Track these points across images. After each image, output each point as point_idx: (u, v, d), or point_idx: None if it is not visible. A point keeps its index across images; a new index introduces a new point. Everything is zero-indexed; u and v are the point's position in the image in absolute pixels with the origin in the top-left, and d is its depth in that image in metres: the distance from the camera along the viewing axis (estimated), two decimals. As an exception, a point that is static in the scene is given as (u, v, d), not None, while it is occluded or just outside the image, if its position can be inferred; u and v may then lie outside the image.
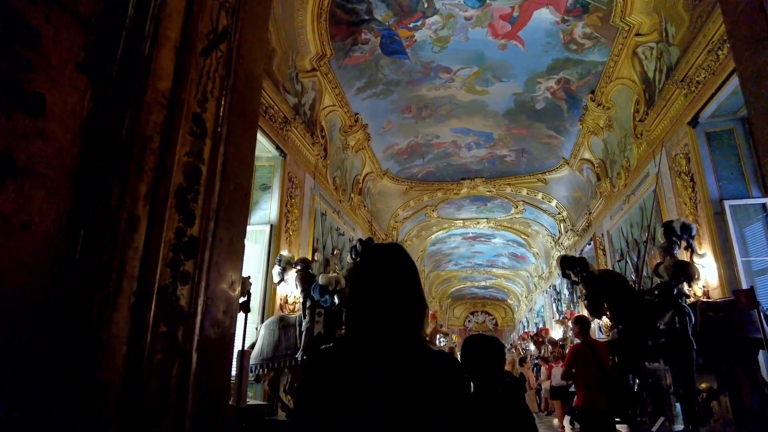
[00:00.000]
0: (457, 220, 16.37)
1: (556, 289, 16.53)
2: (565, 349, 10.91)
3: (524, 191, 13.54)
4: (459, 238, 18.52)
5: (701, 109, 6.31)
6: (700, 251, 6.07)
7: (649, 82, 7.49)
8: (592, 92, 8.74)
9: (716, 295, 5.84)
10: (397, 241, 15.13)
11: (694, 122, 6.50)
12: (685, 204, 6.72)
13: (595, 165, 10.51)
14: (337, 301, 5.70)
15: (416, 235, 16.72)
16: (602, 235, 11.07)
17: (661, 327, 5.02)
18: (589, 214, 11.87)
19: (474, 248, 19.99)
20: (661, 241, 5.85)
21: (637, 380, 5.89)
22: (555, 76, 8.68)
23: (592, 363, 4.60)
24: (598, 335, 10.39)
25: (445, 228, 17.04)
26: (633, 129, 8.33)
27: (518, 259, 20.81)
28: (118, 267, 1.02)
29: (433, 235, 17.54)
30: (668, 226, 5.74)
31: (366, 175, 11.77)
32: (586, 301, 5.67)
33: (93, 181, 1.03)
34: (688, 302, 5.24)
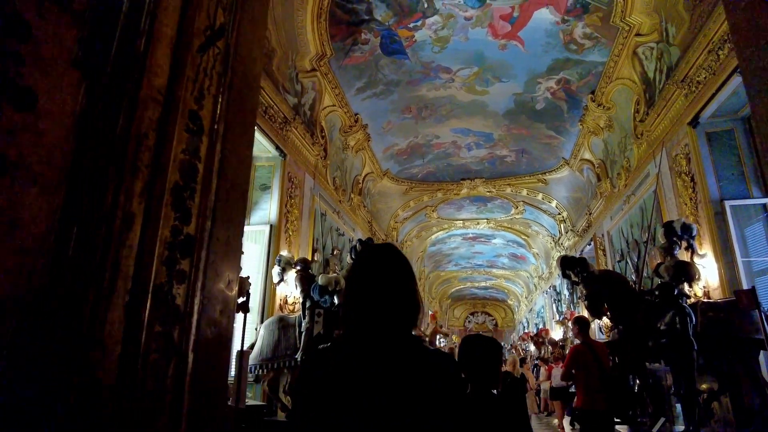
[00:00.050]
0: (457, 220, 16.36)
1: (556, 290, 16.53)
2: (565, 350, 10.90)
3: (524, 192, 13.53)
4: (459, 238, 18.51)
5: (702, 109, 6.30)
6: (700, 251, 6.06)
7: (649, 83, 7.48)
8: (593, 92, 8.74)
9: (717, 296, 5.83)
10: (397, 241, 15.12)
11: (695, 122, 6.50)
12: (686, 204, 6.71)
13: (596, 165, 10.50)
14: (336, 301, 5.70)
15: (416, 235, 16.71)
16: (602, 236, 11.06)
17: (662, 327, 5.01)
18: (590, 214, 11.86)
19: (474, 249, 19.99)
20: (661, 241, 5.84)
21: (637, 381, 5.88)
22: (555, 77, 8.67)
23: (592, 364, 4.60)
24: (599, 336, 10.39)
25: (445, 228, 17.03)
26: (633, 129, 8.32)
27: (518, 260, 20.81)
28: (112, 265, 1.00)
29: (433, 236, 17.53)
30: (669, 227, 5.74)
31: (366, 176, 11.76)
32: (586, 302, 5.66)
33: (86, 178, 1.01)
34: (688, 303, 5.23)
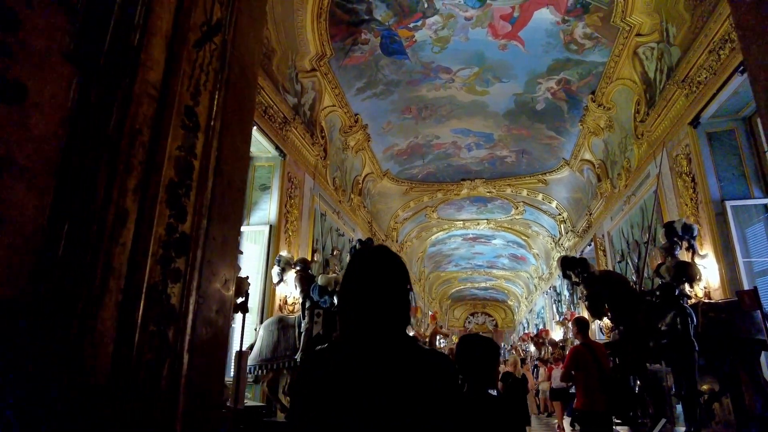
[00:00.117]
0: (457, 221, 16.33)
1: (556, 290, 16.50)
2: (566, 351, 10.87)
3: (524, 192, 13.51)
4: (459, 239, 18.48)
5: (702, 110, 6.28)
6: (701, 252, 6.04)
7: (649, 83, 7.46)
8: (593, 93, 8.71)
9: (717, 296, 5.81)
10: (396, 242, 15.11)
11: (696, 122, 6.48)
12: (686, 204, 6.69)
13: (596, 166, 10.47)
14: (336, 302, 5.67)
15: (416, 236, 16.68)
16: (603, 236, 11.04)
17: (663, 328, 4.99)
18: (590, 215, 11.84)
19: (474, 249, 19.97)
20: (662, 241, 5.82)
21: (638, 382, 5.86)
22: (555, 77, 8.65)
23: (592, 364, 4.57)
24: (599, 336, 10.36)
25: (445, 229, 17.01)
26: (634, 129, 8.29)
27: (518, 260, 20.79)
28: (105, 263, 0.98)
29: (433, 236, 17.51)
30: (669, 227, 5.72)
31: (366, 176, 11.74)
32: (586, 302, 5.64)
33: (78, 175, 0.99)
34: (689, 303, 5.21)
